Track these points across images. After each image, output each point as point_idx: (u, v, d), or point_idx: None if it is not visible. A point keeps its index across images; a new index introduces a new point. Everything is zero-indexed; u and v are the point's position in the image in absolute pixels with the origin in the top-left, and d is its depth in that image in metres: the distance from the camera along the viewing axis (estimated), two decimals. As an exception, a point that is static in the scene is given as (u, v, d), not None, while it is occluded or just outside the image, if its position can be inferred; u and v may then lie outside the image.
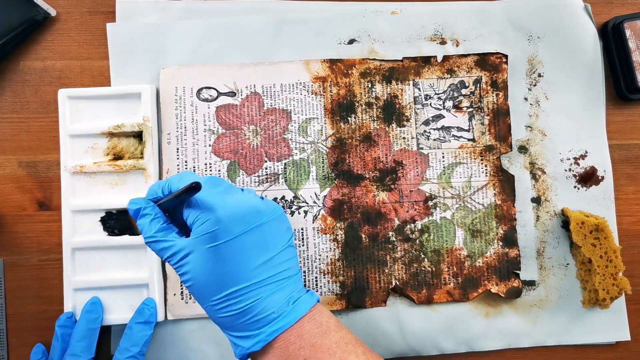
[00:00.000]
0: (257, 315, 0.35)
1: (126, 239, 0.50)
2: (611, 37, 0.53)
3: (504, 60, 0.53)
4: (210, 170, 0.51)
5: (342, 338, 0.36)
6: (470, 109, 0.53)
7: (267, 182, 0.51)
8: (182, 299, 0.50)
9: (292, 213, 0.51)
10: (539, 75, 0.53)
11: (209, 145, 0.52)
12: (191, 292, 0.37)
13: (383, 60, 0.52)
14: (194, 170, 0.51)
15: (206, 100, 0.52)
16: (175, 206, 0.39)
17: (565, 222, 0.52)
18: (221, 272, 0.35)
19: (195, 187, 0.34)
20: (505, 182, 0.52)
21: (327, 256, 0.51)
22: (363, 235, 0.51)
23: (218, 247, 0.35)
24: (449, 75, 0.53)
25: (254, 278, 0.35)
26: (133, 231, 0.50)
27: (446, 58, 0.53)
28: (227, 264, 0.35)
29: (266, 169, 0.52)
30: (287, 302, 0.36)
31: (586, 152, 0.53)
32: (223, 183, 0.39)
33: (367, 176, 0.52)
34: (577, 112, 0.53)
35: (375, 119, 0.52)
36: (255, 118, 0.52)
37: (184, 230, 0.39)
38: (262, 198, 0.39)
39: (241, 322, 0.35)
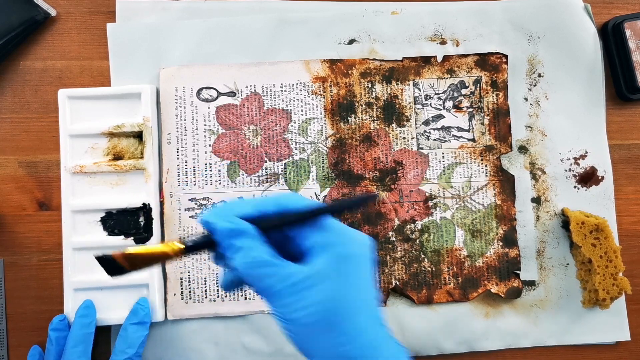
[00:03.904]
0: None
1: (126, 239, 0.50)
2: (611, 37, 0.53)
3: (504, 60, 0.53)
4: (211, 170, 0.51)
5: None
6: (470, 109, 0.53)
7: (267, 182, 0.51)
8: (182, 299, 0.50)
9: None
10: (539, 75, 0.53)
11: (209, 145, 0.52)
12: (291, 336, 0.30)
13: (383, 60, 0.52)
14: (194, 171, 0.51)
15: (206, 100, 0.52)
16: (281, 229, 0.32)
17: (565, 222, 0.52)
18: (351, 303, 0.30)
19: (373, 196, 0.31)
20: (505, 182, 0.52)
21: (327, 256, 0.51)
22: (363, 235, 0.51)
23: (359, 274, 0.31)
24: (449, 75, 0.53)
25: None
26: (133, 233, 0.50)
27: (446, 58, 0.53)
28: (361, 293, 0.31)
29: (266, 169, 0.52)
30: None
31: (586, 152, 0.53)
32: None
33: (367, 176, 0.52)
34: (577, 112, 0.53)
35: (375, 119, 0.52)
36: (255, 118, 0.52)
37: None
38: None
39: None
